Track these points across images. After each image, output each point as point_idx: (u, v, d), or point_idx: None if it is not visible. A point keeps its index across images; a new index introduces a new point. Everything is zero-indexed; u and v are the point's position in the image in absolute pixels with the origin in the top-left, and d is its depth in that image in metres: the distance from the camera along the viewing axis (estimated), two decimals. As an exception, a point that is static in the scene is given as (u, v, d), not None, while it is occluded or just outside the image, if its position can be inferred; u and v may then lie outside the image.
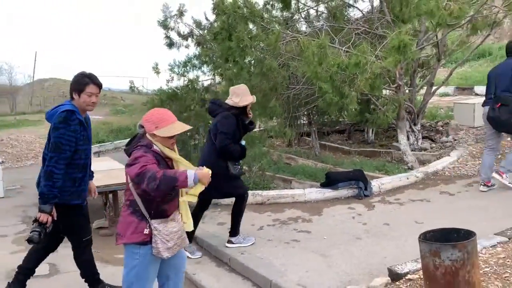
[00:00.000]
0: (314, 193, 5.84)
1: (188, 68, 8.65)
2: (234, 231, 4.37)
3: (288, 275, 3.62)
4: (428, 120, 9.30)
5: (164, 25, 8.52)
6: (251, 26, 6.77)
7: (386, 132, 9.72)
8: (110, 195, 5.74)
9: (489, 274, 3.00)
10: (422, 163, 7.13)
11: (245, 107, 4.16)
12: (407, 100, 7.64)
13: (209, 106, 4.41)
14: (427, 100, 8.18)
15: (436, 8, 5.62)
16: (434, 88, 8.26)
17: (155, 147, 2.61)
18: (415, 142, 7.86)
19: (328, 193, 5.82)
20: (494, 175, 5.39)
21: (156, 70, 8.30)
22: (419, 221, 4.59)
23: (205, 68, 8.76)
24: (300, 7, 7.88)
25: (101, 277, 3.62)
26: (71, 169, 3.22)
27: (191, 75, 8.51)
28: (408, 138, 7.66)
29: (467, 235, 2.72)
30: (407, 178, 6.13)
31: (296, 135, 9.65)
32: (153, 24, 8.48)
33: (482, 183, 5.46)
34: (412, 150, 7.46)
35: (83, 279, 3.55)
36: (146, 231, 2.58)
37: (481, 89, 12.17)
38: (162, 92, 8.13)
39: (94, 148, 11.31)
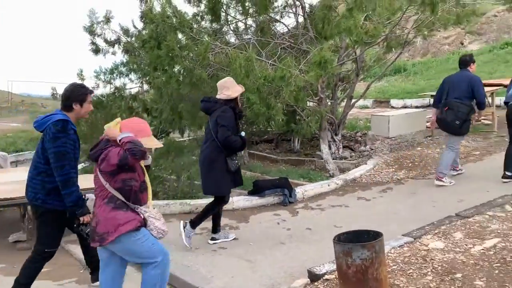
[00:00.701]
0: (242, 201, 6.00)
1: (115, 75, 8.50)
2: (198, 223, 4.53)
3: (214, 282, 3.72)
4: (348, 130, 9.89)
5: (90, 31, 8.29)
6: (180, 36, 6.82)
7: (311, 142, 10.17)
8: (29, 207, 5.45)
9: (396, 271, 3.32)
10: (342, 171, 7.58)
11: (236, 98, 4.41)
12: (329, 112, 8.09)
13: (203, 104, 4.57)
14: (347, 112, 8.72)
15: (354, 27, 6.07)
16: (353, 101, 8.84)
17: None
18: (337, 151, 8.34)
19: (256, 200, 6.01)
20: (436, 182, 5.91)
21: (80, 76, 8.05)
22: (338, 225, 4.89)
23: (133, 75, 8.67)
24: (229, 19, 8.06)
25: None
26: None
27: (118, 82, 8.38)
28: (330, 148, 8.11)
29: (376, 236, 3.00)
30: (328, 185, 6.50)
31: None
32: (79, 29, 8.22)
33: (447, 178, 5.91)
34: (333, 159, 7.91)
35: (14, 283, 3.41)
36: (137, 216, 2.82)
37: (396, 102, 13.22)
38: (86, 100, 7.88)
39: (11, 157, 10.59)
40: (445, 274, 3.19)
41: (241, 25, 8.69)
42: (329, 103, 8.48)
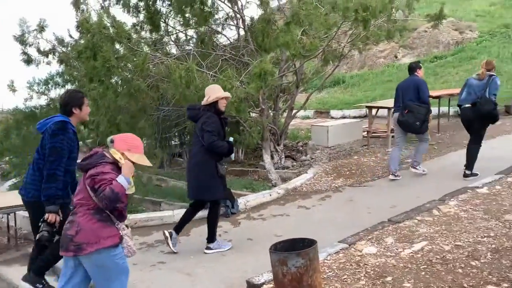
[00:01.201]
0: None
1: (50, 86, 8.14)
2: (212, 237, 4.67)
3: (152, 297, 3.64)
4: (290, 140, 10.09)
5: (21, 40, 7.90)
6: (118, 46, 6.68)
7: (255, 152, 10.27)
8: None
9: (331, 278, 3.42)
10: (285, 180, 7.71)
11: (217, 103, 4.52)
12: (271, 123, 8.24)
13: (189, 112, 4.75)
14: (289, 122, 8.91)
15: (291, 41, 6.24)
16: (294, 111, 9.05)
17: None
18: (279, 161, 8.48)
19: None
20: (411, 169, 6.68)
21: (11, 88, 7.64)
22: (279, 234, 4.96)
23: (69, 86, 8.34)
24: (170, 30, 8.01)
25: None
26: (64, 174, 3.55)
27: (53, 93, 8.02)
28: (272, 158, 8.23)
29: (311, 243, 3.09)
30: (270, 195, 6.59)
31: (168, 156, 9.65)
32: (9, 38, 7.80)
33: (392, 175, 6.64)
34: (276, 169, 8.03)
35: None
36: (118, 233, 2.88)
37: (335, 112, 13.68)
38: (18, 112, 7.51)
39: None
40: (376, 278, 3.33)
41: (182, 36, 8.66)
42: (271, 114, 8.63)
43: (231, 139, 4.64)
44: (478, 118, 6.01)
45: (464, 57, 16.10)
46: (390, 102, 9.51)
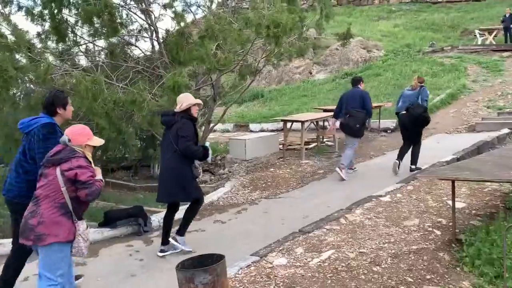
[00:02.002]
0: (92, 234, 5.55)
1: None
2: (183, 231, 4.87)
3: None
4: (208, 154, 10.02)
5: None
6: (18, 56, 6.20)
7: (172, 167, 10.06)
8: None
9: (241, 292, 3.40)
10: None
11: (190, 109, 4.68)
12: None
13: (164, 118, 4.85)
14: (206, 136, 8.85)
15: (205, 55, 6.24)
16: (212, 125, 9.03)
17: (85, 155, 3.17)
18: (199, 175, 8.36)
19: (107, 232, 5.65)
20: (337, 170, 7.23)
21: None
22: (193, 251, 4.86)
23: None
24: (78, 40, 7.62)
25: None
26: None
27: None
28: (190, 172, 8.09)
29: (219, 258, 3.05)
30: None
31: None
32: None
33: (348, 169, 7.36)
34: (193, 183, 7.89)
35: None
36: (74, 230, 3.04)
37: (254, 126, 13.88)
38: None
39: None
40: (285, 289, 3.38)
41: (92, 47, 8.27)
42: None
43: (207, 143, 5.05)
44: (412, 121, 6.96)
45: (371, 74, 17.24)
46: (304, 116, 9.90)
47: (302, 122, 8.83)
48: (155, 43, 8.14)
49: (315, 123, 9.96)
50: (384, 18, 27.21)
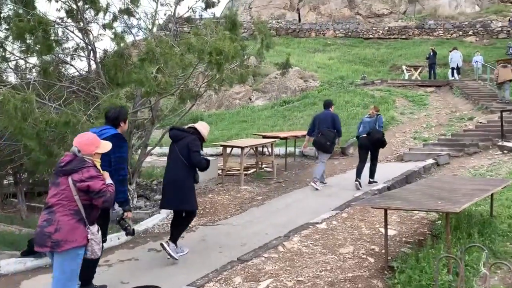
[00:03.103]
0: (13, 264, 5.15)
1: None
2: (174, 240, 5.16)
3: None
4: (144, 179, 9.74)
5: None
6: None
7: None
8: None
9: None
10: (136, 221, 7.32)
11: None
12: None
13: (174, 132, 5.31)
14: (143, 160, 8.61)
15: (145, 78, 6.13)
16: (149, 148, 8.80)
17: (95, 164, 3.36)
18: (131, 201, 8.06)
19: (31, 262, 5.23)
20: (312, 184, 8.14)
21: None
22: (125, 281, 4.62)
23: None
24: (7, 56, 7.18)
25: None
26: None
27: None
28: (124, 197, 7.78)
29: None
30: (118, 238, 6.15)
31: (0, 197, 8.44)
32: None
33: (319, 182, 8.20)
34: (127, 209, 7.58)
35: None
36: (87, 235, 3.24)
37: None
38: None
39: None
40: (223, 321, 3.29)
41: (23, 64, 7.84)
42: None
43: (208, 157, 5.50)
44: (372, 143, 8.18)
45: (308, 102, 17.86)
46: (244, 142, 9.97)
47: (242, 148, 8.89)
48: (92, 63, 7.88)
49: (254, 149, 10.06)
50: (320, 50, 28.53)
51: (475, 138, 11.46)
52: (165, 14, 10.02)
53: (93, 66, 7.94)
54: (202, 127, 5.38)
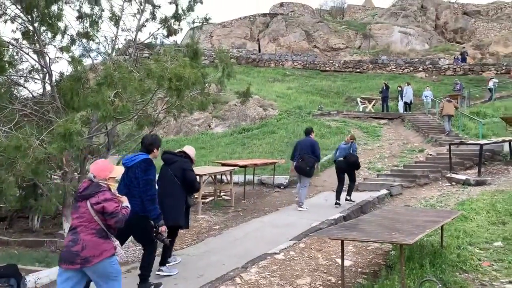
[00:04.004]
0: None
1: None
2: (164, 260, 5.45)
3: None
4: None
5: None
6: None
7: (55, 219, 9.18)
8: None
9: None
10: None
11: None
12: (76, 187, 7.54)
13: (167, 156, 5.73)
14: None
15: (102, 102, 5.99)
16: (104, 175, 8.52)
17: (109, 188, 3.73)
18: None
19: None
20: (298, 208, 8.91)
21: None
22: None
23: None
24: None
25: None
26: None
27: None
28: (75, 226, 7.45)
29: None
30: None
31: None
32: None
33: (300, 207, 8.89)
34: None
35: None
36: (113, 245, 3.64)
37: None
38: None
39: None
40: None
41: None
42: (76, 177, 7.93)
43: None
44: (348, 166, 9.30)
45: (266, 131, 18.07)
46: (202, 170, 9.87)
47: (200, 176, 8.80)
48: (48, 86, 7.65)
49: (213, 176, 9.98)
50: (279, 80, 29.17)
51: (425, 170, 11.95)
52: (125, 39, 9.91)
53: (48, 89, 7.71)
54: (190, 150, 5.93)
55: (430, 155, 13.81)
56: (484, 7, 48.12)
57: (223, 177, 10.96)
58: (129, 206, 3.80)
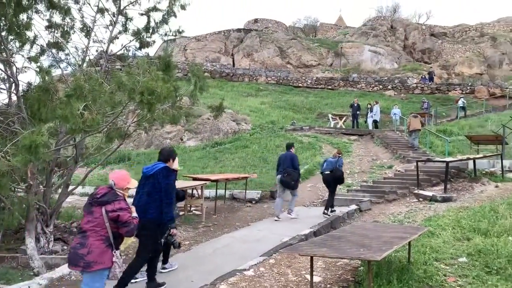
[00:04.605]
0: None
1: None
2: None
3: None
4: (63, 221, 9.11)
5: None
6: None
7: (17, 234, 8.82)
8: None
9: None
10: (51, 267, 6.77)
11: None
12: (40, 200, 7.32)
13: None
14: (63, 200, 8.08)
15: (70, 115, 5.86)
16: (71, 188, 8.30)
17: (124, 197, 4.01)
18: (46, 245, 7.46)
19: None
20: (286, 214, 9.54)
21: None
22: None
23: None
24: None
25: None
26: None
27: None
28: (38, 241, 7.22)
29: None
30: (29, 287, 5.62)
31: None
32: None
33: (276, 218, 9.35)
34: (42, 254, 7.02)
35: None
36: (112, 258, 3.81)
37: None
38: None
39: None
40: None
41: None
42: (41, 190, 7.69)
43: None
44: (333, 179, 9.74)
45: (239, 145, 18.07)
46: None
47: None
48: (14, 96, 7.43)
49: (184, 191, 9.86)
50: (252, 95, 29.36)
51: (394, 186, 12.20)
52: (96, 51, 9.78)
53: (14, 99, 7.49)
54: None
55: (399, 171, 14.13)
56: (450, 29, 50.15)
57: (194, 191, 10.85)
58: (137, 216, 4.05)
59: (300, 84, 33.33)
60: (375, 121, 21.97)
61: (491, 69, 39.57)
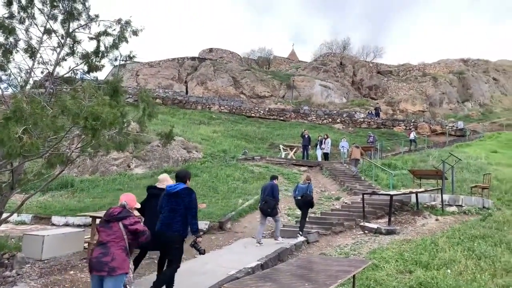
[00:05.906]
0: None
1: None
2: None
3: None
4: (-7, 251, 8.42)
5: None
6: None
7: None
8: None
9: None
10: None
11: None
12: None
13: (151, 191, 7.05)
14: (-6, 230, 7.51)
15: (7, 138, 5.53)
16: (5, 215, 7.75)
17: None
18: None
19: None
20: (275, 240, 10.22)
21: None
22: None
23: None
24: None
25: None
26: None
27: None
28: (-38, 274, 6.59)
29: None
30: None
31: None
32: None
33: (257, 243, 9.89)
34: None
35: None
36: (129, 265, 4.66)
37: (58, 219, 12.45)
38: None
39: None
40: None
41: None
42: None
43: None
44: (305, 203, 10.68)
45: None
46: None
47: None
48: None
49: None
50: (205, 123, 29.28)
51: (341, 218, 12.40)
52: (42, 72, 9.40)
53: None
54: (164, 177, 7.21)
55: (346, 203, 14.41)
56: (395, 68, 53.14)
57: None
58: (145, 227, 4.83)
59: (253, 114, 33.71)
60: (325, 154, 22.52)
61: (432, 107, 42.11)
